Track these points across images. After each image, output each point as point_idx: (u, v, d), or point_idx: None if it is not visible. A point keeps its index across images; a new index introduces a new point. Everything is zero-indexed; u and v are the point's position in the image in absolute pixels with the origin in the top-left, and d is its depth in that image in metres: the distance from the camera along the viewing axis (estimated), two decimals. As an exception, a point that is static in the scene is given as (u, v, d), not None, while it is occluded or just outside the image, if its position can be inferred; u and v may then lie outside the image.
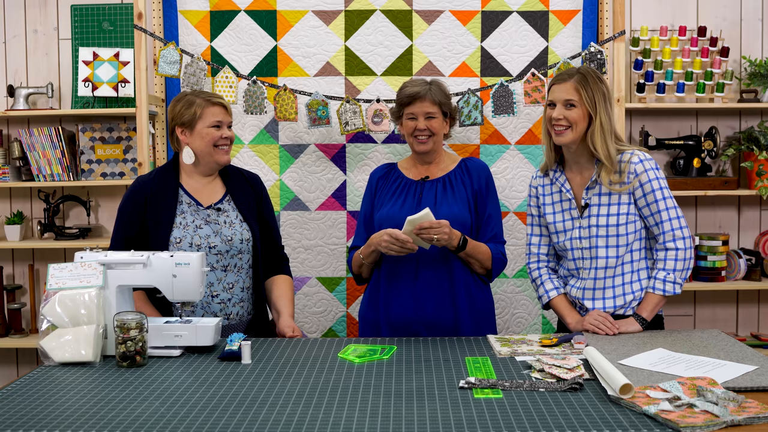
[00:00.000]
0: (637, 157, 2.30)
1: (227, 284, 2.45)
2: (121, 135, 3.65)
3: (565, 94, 2.30)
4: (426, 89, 2.56)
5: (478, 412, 1.60)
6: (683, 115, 3.71)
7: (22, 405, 1.71)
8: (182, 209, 2.45)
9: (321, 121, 3.33)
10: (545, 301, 2.47)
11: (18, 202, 3.81)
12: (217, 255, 2.42)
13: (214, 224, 2.45)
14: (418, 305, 2.51)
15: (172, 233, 2.40)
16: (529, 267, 2.54)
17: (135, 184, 2.51)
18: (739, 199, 3.75)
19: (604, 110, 2.30)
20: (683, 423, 1.48)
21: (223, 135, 2.47)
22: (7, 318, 3.66)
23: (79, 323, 2.07)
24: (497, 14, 3.40)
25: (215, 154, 2.47)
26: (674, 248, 2.28)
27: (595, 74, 2.33)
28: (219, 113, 2.47)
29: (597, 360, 1.83)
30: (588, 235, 2.35)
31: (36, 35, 3.75)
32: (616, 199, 2.32)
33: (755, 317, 3.77)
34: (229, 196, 2.52)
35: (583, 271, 2.38)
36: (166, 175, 2.51)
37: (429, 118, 2.56)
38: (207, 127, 2.45)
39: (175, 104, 2.49)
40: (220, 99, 2.50)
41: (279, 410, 1.64)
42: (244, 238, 2.47)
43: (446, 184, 2.60)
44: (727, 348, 2.06)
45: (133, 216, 2.44)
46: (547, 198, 2.46)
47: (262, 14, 3.41)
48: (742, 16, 3.69)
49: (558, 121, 2.30)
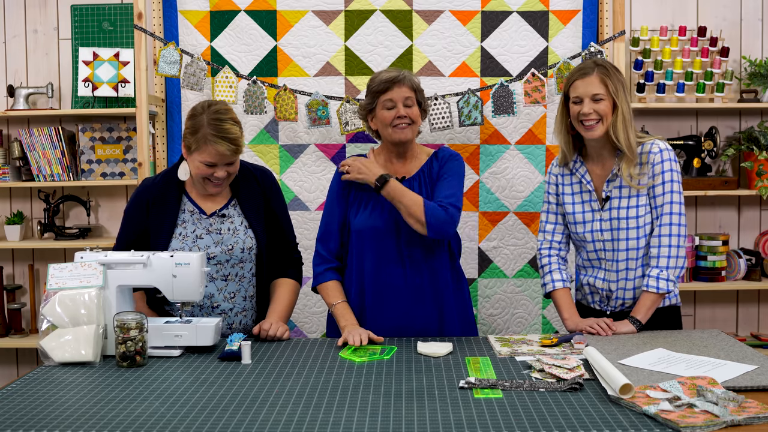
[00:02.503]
0: (657, 147, 2.31)
1: (228, 294, 2.39)
2: (121, 135, 3.65)
3: (593, 88, 2.29)
4: (402, 74, 2.44)
5: (478, 412, 1.60)
6: (683, 115, 3.71)
7: (22, 405, 1.71)
8: (184, 218, 2.38)
9: (321, 121, 3.33)
10: (549, 289, 2.46)
11: (18, 202, 3.81)
12: (217, 265, 2.36)
13: (216, 234, 2.37)
14: (405, 316, 2.42)
15: (171, 243, 2.34)
16: (539, 252, 2.52)
17: (140, 187, 2.45)
18: (739, 199, 3.75)
19: (625, 100, 2.30)
20: (683, 423, 1.48)
21: (214, 174, 2.28)
22: (7, 318, 3.66)
23: (79, 323, 2.07)
24: (497, 14, 3.40)
25: (205, 185, 2.34)
26: (668, 245, 2.27)
27: (612, 65, 2.34)
28: (215, 155, 2.25)
29: (597, 360, 1.83)
30: (609, 227, 2.35)
31: (36, 35, 3.75)
32: (636, 191, 2.32)
33: (755, 317, 3.77)
34: (236, 201, 2.43)
35: (605, 263, 2.39)
36: (171, 179, 2.42)
37: (407, 106, 2.42)
38: (200, 161, 2.28)
39: (188, 119, 2.32)
40: (225, 139, 2.24)
41: (279, 410, 1.64)
42: (246, 246, 2.38)
43: (422, 182, 2.48)
44: (727, 348, 2.06)
45: (136, 220, 2.40)
46: (567, 188, 2.45)
47: (262, 14, 3.41)
48: (742, 16, 3.69)
49: (588, 116, 2.29)
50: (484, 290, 3.45)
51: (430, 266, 2.44)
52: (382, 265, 2.43)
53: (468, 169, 3.41)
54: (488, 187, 3.43)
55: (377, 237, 2.43)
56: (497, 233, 3.44)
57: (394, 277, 2.43)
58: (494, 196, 3.43)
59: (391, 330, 2.39)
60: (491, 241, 3.42)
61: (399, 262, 2.43)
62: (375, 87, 2.46)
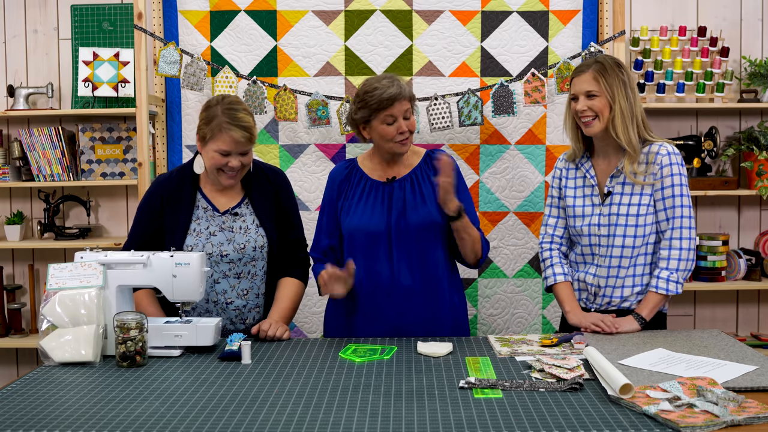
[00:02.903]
0: (665, 149, 2.32)
1: (241, 291, 2.41)
2: (121, 135, 3.65)
3: (586, 85, 2.32)
4: (399, 88, 2.37)
5: (478, 412, 1.60)
6: (683, 115, 3.71)
7: (22, 405, 1.71)
8: (198, 215, 2.41)
9: (321, 121, 3.33)
10: (550, 283, 2.47)
11: (18, 202, 3.81)
12: (230, 263, 2.39)
13: (228, 231, 2.39)
14: (397, 317, 2.41)
15: (186, 240, 2.37)
16: (541, 246, 2.53)
17: (154, 183, 2.48)
18: (739, 199, 3.75)
19: (624, 97, 2.30)
20: (683, 423, 1.48)
21: (228, 163, 2.32)
22: (7, 318, 3.66)
23: (79, 323, 2.07)
24: (497, 14, 3.40)
25: (219, 176, 2.37)
26: (679, 248, 2.30)
27: (614, 62, 2.35)
28: (230, 143, 2.29)
29: (597, 360, 1.83)
30: (608, 222, 2.36)
31: (36, 35, 3.75)
32: (639, 189, 2.33)
33: (755, 317, 3.77)
34: (248, 200, 2.45)
35: (598, 258, 2.39)
36: (185, 176, 2.44)
37: (406, 118, 2.39)
38: (214, 150, 2.32)
39: (203, 110, 2.37)
40: (240, 127, 2.29)
41: (279, 410, 1.64)
42: (257, 245, 2.40)
43: (414, 183, 2.47)
44: (727, 348, 2.06)
45: (150, 216, 2.42)
46: (570, 182, 2.46)
47: (262, 14, 3.41)
48: (742, 16, 3.69)
49: (583, 113, 2.32)
50: (484, 290, 3.45)
51: (423, 267, 2.43)
52: (373, 265, 2.42)
53: (468, 169, 3.41)
54: (488, 187, 3.43)
55: (369, 238, 2.42)
56: (497, 233, 3.44)
57: (385, 278, 2.41)
58: (494, 196, 3.43)
59: (384, 331, 2.39)
60: (491, 241, 3.42)
61: (389, 263, 2.42)
62: (374, 104, 2.36)
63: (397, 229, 2.41)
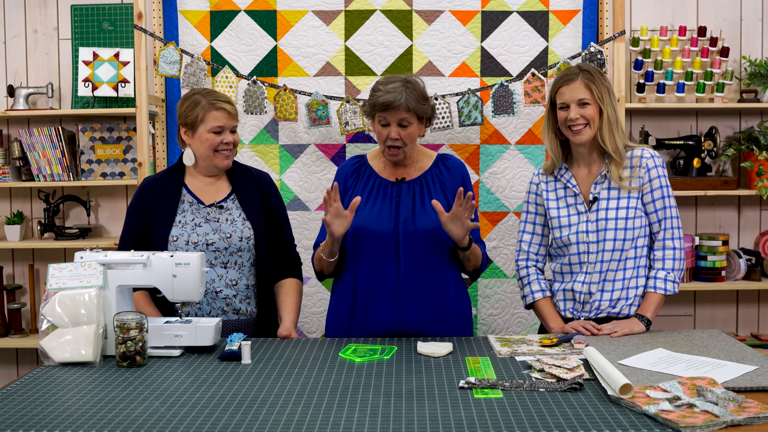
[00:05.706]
0: (648, 153, 2.36)
1: (230, 281, 2.44)
2: (121, 135, 3.65)
3: (578, 93, 2.33)
4: (401, 97, 2.35)
5: (478, 412, 1.60)
6: (683, 115, 3.71)
7: (22, 405, 1.70)
8: (183, 208, 2.45)
9: (321, 121, 3.33)
10: (529, 301, 2.48)
11: (18, 202, 3.81)
12: (215, 252, 2.42)
13: (214, 222, 2.44)
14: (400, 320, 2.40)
15: (171, 231, 2.40)
16: (517, 264, 2.54)
17: (142, 184, 2.53)
18: (739, 199, 3.75)
19: (611, 105, 2.34)
20: (683, 423, 1.48)
21: (223, 140, 2.42)
22: (7, 318, 3.66)
23: (79, 323, 2.07)
24: (497, 14, 3.40)
25: (215, 159, 2.44)
26: (672, 248, 2.34)
27: (597, 70, 2.38)
28: (221, 118, 2.42)
29: (597, 360, 1.83)
30: (596, 228, 2.36)
31: (36, 35, 3.75)
32: (625, 193, 2.35)
33: (755, 317, 3.77)
34: (234, 195, 2.50)
35: (587, 266, 2.39)
36: (172, 175, 2.51)
37: (403, 126, 2.39)
38: (208, 131, 2.41)
39: (182, 103, 2.47)
40: (225, 102, 2.44)
41: (279, 410, 1.64)
42: (244, 236, 2.44)
43: (423, 186, 2.47)
44: (727, 348, 2.06)
45: (138, 216, 2.46)
46: (551, 194, 2.46)
47: (262, 14, 3.41)
48: (742, 16, 3.69)
49: (575, 121, 2.32)
50: (484, 290, 3.45)
51: (429, 269, 2.43)
52: (378, 265, 2.42)
53: (468, 169, 3.40)
54: (488, 187, 3.43)
55: (376, 239, 2.42)
56: (497, 233, 3.44)
57: (391, 279, 2.41)
58: (494, 196, 3.43)
59: (388, 332, 2.39)
60: (491, 241, 3.42)
61: (395, 262, 2.41)
62: (373, 102, 2.40)
63: (404, 232, 2.41)
